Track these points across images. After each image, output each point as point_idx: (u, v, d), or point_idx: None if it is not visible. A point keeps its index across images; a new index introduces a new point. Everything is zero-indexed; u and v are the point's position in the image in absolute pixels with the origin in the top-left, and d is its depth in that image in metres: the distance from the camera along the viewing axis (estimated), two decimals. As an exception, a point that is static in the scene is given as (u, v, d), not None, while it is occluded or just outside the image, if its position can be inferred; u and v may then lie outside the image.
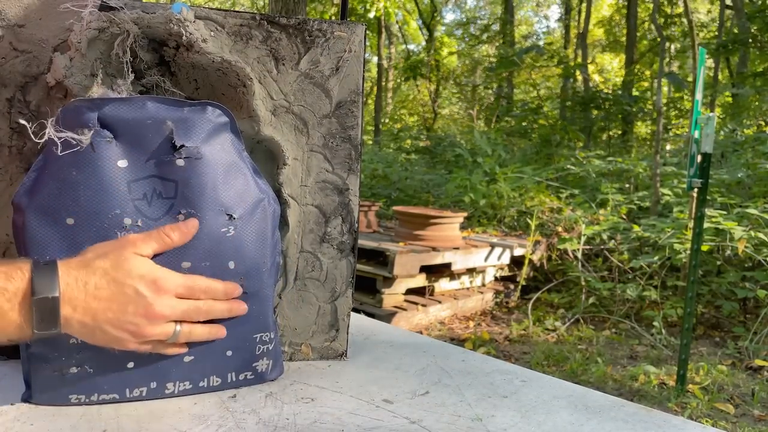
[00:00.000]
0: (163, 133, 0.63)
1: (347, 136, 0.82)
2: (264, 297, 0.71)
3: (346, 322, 0.86)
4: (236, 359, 0.71)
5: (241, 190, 0.68)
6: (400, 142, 11.93)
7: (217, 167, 0.66)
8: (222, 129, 0.67)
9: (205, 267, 0.66)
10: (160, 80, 0.74)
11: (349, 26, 0.79)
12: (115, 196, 0.62)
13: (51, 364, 0.64)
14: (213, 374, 0.70)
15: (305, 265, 0.83)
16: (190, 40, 0.70)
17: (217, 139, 0.67)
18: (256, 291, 0.70)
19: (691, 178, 2.83)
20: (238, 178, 0.68)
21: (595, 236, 4.82)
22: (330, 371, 0.81)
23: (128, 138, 0.63)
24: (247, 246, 0.68)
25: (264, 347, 0.73)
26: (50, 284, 0.56)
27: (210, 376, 0.70)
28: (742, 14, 9.03)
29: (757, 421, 2.55)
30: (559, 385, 0.80)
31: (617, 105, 9.37)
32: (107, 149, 0.62)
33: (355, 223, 0.84)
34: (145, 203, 0.64)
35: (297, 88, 0.79)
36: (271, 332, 0.73)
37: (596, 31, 16.12)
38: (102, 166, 0.62)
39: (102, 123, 0.62)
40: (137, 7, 0.69)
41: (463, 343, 3.50)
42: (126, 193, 0.63)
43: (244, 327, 0.70)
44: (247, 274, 0.69)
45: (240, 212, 0.67)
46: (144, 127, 0.63)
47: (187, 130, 0.64)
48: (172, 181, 0.64)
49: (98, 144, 0.62)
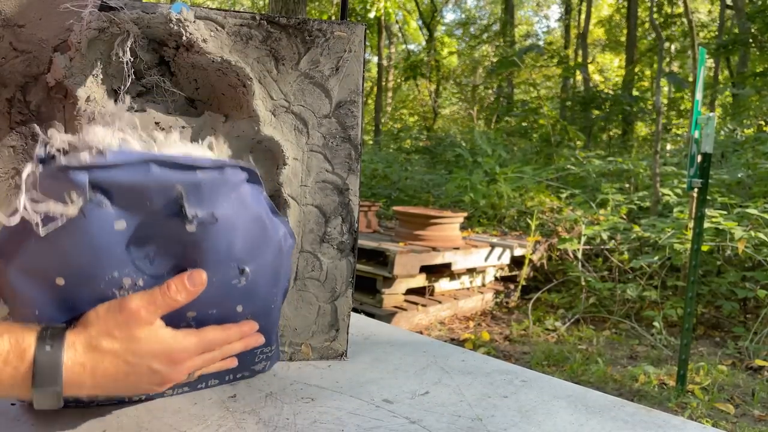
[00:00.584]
0: (170, 195, 0.55)
1: (347, 136, 0.82)
2: (271, 323, 0.70)
3: (346, 322, 0.86)
4: (237, 367, 0.71)
5: (258, 242, 0.62)
6: (400, 142, 11.93)
7: (234, 227, 0.59)
8: (240, 185, 0.59)
9: (212, 314, 0.62)
10: (160, 80, 0.74)
11: (349, 26, 0.79)
12: (111, 259, 0.55)
13: None
14: (212, 378, 0.71)
15: (305, 265, 0.83)
16: (190, 40, 0.70)
17: (235, 195, 0.59)
18: (263, 326, 0.68)
19: (691, 178, 2.83)
20: (255, 230, 0.61)
21: (595, 236, 4.82)
22: (330, 371, 0.81)
23: (127, 202, 0.54)
24: (258, 290, 0.64)
25: (263, 356, 0.74)
26: (54, 377, 0.51)
27: (208, 380, 0.71)
28: (742, 14, 9.03)
29: (757, 421, 2.54)
30: (559, 385, 0.80)
31: (617, 105, 9.37)
32: (101, 214, 0.53)
33: (355, 223, 0.84)
34: (147, 262, 0.57)
35: (297, 88, 0.79)
36: (273, 345, 0.73)
37: (596, 31, 16.12)
38: (95, 232, 0.54)
39: (94, 187, 0.53)
40: (137, 7, 0.69)
41: (463, 343, 3.50)
42: (124, 255, 0.56)
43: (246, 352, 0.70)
44: (255, 314, 0.66)
45: (253, 265, 0.62)
46: (147, 192, 0.54)
47: (201, 196, 0.56)
48: (180, 243, 0.57)
49: (90, 211, 0.53)
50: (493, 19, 17.17)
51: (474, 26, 17.73)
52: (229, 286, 0.61)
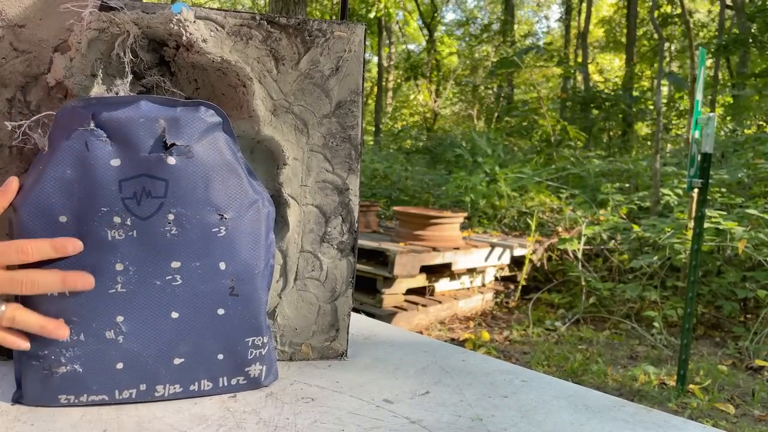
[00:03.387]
0: (155, 132, 0.63)
1: (347, 136, 0.82)
2: (256, 300, 0.71)
3: (347, 322, 0.86)
4: (228, 363, 0.70)
5: (234, 191, 0.67)
6: (400, 142, 11.93)
7: (209, 166, 0.65)
8: (214, 128, 0.67)
9: (196, 267, 0.66)
10: (160, 80, 0.74)
11: (349, 26, 0.79)
12: (106, 194, 0.62)
13: (41, 363, 0.64)
14: (204, 378, 0.70)
15: (305, 265, 0.83)
16: (190, 40, 0.70)
17: (210, 138, 0.66)
18: (248, 294, 0.69)
19: (691, 178, 2.83)
20: (231, 179, 0.67)
21: (595, 236, 4.82)
22: (330, 371, 0.81)
23: (121, 137, 0.63)
24: (239, 247, 0.68)
25: (256, 351, 0.72)
26: None
27: (201, 380, 0.70)
28: (742, 14, 9.03)
29: (757, 421, 2.55)
30: (559, 385, 0.80)
31: (617, 105, 9.38)
32: (101, 148, 0.62)
33: (355, 223, 0.84)
34: (135, 202, 0.64)
35: (297, 88, 0.79)
36: (263, 336, 0.72)
37: (596, 31, 16.13)
38: (95, 164, 0.62)
39: (96, 123, 0.62)
40: (137, 7, 0.69)
41: (463, 343, 3.50)
42: (116, 192, 0.63)
43: (235, 330, 0.70)
44: (238, 276, 0.68)
45: (232, 213, 0.67)
46: (137, 126, 0.63)
47: (179, 129, 0.64)
48: (163, 180, 0.64)
49: (92, 143, 0.62)
50: (494, 18, 17.17)
51: (474, 26, 17.73)
52: (211, 234, 0.66)
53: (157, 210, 0.64)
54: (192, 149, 0.64)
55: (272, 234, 0.75)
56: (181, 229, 0.65)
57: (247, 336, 0.71)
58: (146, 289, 0.65)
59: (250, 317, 0.70)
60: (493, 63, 13.66)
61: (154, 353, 0.67)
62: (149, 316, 0.66)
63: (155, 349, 0.67)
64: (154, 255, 0.64)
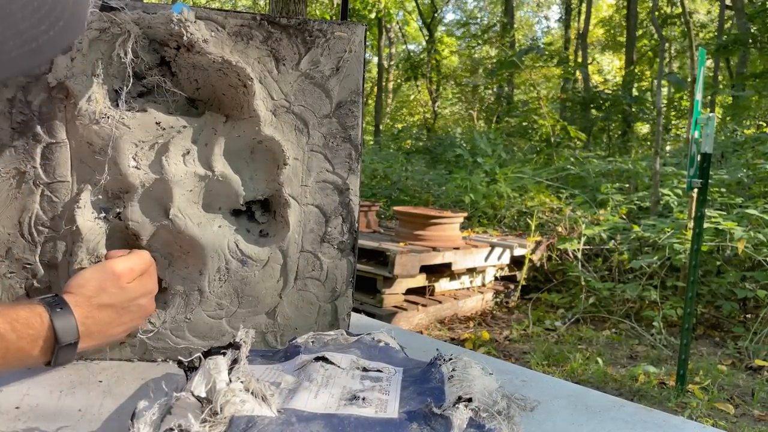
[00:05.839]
0: None
1: (347, 136, 0.82)
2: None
3: (347, 321, 0.86)
4: None
5: None
6: (400, 142, 11.93)
7: None
8: None
9: None
10: (160, 80, 0.75)
11: (350, 26, 0.79)
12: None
13: None
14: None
15: (305, 264, 0.83)
16: (191, 41, 0.70)
17: None
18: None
19: (691, 178, 2.83)
20: None
21: (595, 236, 4.82)
22: (330, 371, 0.81)
23: None
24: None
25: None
26: (71, 331, 0.64)
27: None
28: (742, 14, 9.04)
29: (757, 421, 2.55)
30: (559, 385, 0.80)
31: (617, 105, 9.38)
32: None
33: (355, 222, 0.84)
34: None
35: (297, 88, 0.79)
36: None
37: (596, 31, 16.13)
38: None
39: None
40: (138, 7, 0.69)
41: (463, 343, 3.50)
42: None
43: None
44: None
45: None
46: None
47: None
48: None
49: None
50: (494, 19, 17.18)
51: (474, 26, 17.73)
52: None
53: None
54: None
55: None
56: None
57: None
58: None
59: None
60: (493, 64, 13.67)
61: None
62: None
63: None
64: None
